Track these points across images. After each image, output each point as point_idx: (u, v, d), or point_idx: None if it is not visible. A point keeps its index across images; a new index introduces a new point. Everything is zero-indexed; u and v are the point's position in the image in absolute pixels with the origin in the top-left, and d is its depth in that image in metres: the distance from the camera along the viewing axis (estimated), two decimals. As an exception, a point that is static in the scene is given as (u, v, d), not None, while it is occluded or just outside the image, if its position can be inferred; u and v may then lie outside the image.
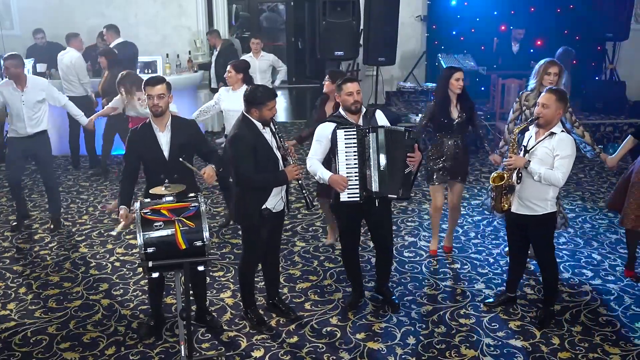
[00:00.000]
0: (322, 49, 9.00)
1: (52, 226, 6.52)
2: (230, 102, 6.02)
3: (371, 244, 5.56)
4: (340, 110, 4.60)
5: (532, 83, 5.48)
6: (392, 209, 5.84)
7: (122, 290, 5.25)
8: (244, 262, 4.60)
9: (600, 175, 8.38)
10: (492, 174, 4.56)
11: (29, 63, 9.05)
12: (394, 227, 5.91)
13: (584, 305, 4.95)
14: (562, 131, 4.41)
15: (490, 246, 6.05)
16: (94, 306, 5.00)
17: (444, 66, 9.49)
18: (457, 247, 6.02)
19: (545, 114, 4.35)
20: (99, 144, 8.37)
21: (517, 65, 9.79)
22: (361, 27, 9.48)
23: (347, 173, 4.43)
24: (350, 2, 8.94)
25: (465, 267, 5.62)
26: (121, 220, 4.11)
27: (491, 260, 5.76)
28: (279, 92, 5.65)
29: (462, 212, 6.91)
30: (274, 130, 4.34)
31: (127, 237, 6.31)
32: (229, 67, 6.12)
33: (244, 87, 5.79)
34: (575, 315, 4.79)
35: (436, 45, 10.81)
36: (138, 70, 8.96)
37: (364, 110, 4.61)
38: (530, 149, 4.43)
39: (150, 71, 8.80)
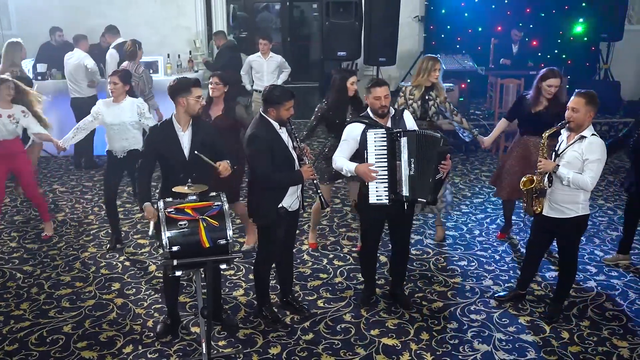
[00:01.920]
0: (325, 49, 9.07)
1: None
2: (114, 115, 5.71)
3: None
4: (368, 111, 4.62)
5: (414, 79, 5.82)
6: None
7: (134, 290, 5.28)
8: (260, 260, 4.66)
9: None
10: (522, 177, 4.60)
11: (29, 63, 9.07)
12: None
13: (590, 300, 5.06)
14: (593, 134, 4.40)
15: (495, 244, 6.15)
16: (107, 305, 5.03)
17: (443, 67, 9.60)
18: (462, 245, 6.12)
19: (575, 118, 4.34)
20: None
21: (514, 65, 9.91)
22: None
23: (378, 175, 4.45)
24: (353, 3, 9.02)
25: (472, 264, 5.71)
26: (149, 217, 4.14)
27: (497, 257, 5.86)
28: None
29: (465, 211, 7.04)
30: (290, 130, 4.40)
31: (136, 236, 6.35)
32: (114, 78, 5.67)
33: (128, 100, 5.72)
34: (583, 310, 4.90)
35: (433, 46, 10.89)
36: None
37: (392, 112, 4.65)
38: (561, 153, 4.45)
39: (151, 71, 8.81)
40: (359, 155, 4.54)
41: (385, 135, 4.43)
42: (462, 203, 7.27)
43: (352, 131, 4.57)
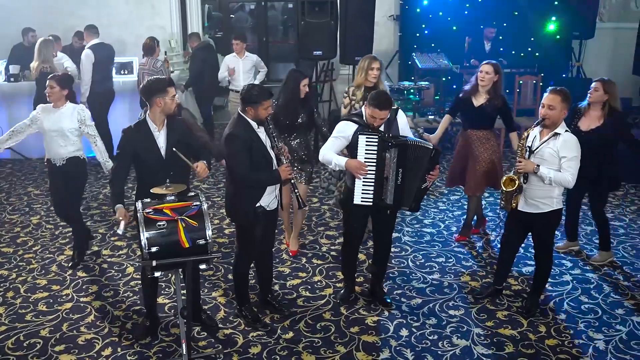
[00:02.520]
0: (301, 48, 9.07)
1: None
2: (52, 121, 5.45)
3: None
4: (363, 110, 4.62)
5: (357, 78, 5.82)
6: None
7: (112, 292, 5.24)
8: (238, 260, 4.65)
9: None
10: (503, 178, 4.64)
11: (1, 65, 8.95)
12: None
13: (566, 294, 5.14)
14: (566, 131, 4.48)
15: (472, 240, 6.21)
16: (85, 308, 4.99)
17: (419, 65, 9.69)
18: (440, 242, 6.18)
19: (551, 115, 4.41)
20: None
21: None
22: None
23: (363, 180, 4.48)
24: (329, 2, 9.02)
25: (450, 260, 5.76)
26: (120, 219, 4.11)
27: (474, 253, 5.92)
28: None
29: (442, 208, 7.09)
30: (269, 130, 4.40)
31: (113, 238, 6.30)
32: (51, 82, 5.43)
33: (68, 105, 5.46)
34: (559, 304, 4.98)
35: (409, 45, 10.96)
36: (114, 72, 8.91)
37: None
38: (535, 150, 4.51)
39: (126, 72, 8.74)
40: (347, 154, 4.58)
41: (376, 141, 4.44)
42: (439, 200, 7.33)
43: (345, 130, 4.57)
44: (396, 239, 6.21)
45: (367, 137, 4.46)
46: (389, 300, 4.99)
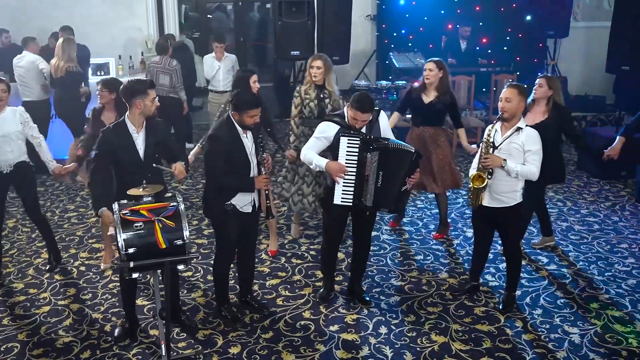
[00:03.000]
0: (279, 49, 9.08)
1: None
2: None
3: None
4: (345, 110, 4.63)
5: (306, 77, 5.86)
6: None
7: (90, 295, 5.21)
8: (217, 260, 4.66)
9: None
10: (471, 175, 4.69)
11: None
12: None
13: (542, 289, 5.21)
14: (527, 126, 4.62)
15: (450, 237, 6.27)
16: (63, 311, 4.95)
17: (396, 65, 9.75)
18: (418, 240, 6.23)
19: (509, 108, 4.53)
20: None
21: (465, 62, 10.11)
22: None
23: (344, 181, 4.51)
24: (305, 2, 9.04)
25: (429, 258, 5.81)
26: (108, 223, 4.09)
27: (452, 250, 5.98)
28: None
29: (420, 206, 7.15)
30: (257, 139, 4.42)
31: (90, 241, 6.25)
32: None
33: (8, 109, 5.29)
34: (535, 299, 5.04)
35: (386, 44, 11.02)
36: (90, 73, 8.85)
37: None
38: (499, 145, 4.59)
39: (102, 73, 8.68)
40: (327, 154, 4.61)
41: (358, 144, 4.47)
42: (417, 198, 7.38)
43: (327, 130, 4.60)
44: (375, 238, 6.24)
45: (348, 139, 4.49)
46: (368, 299, 5.02)
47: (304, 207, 5.96)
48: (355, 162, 4.49)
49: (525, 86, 4.76)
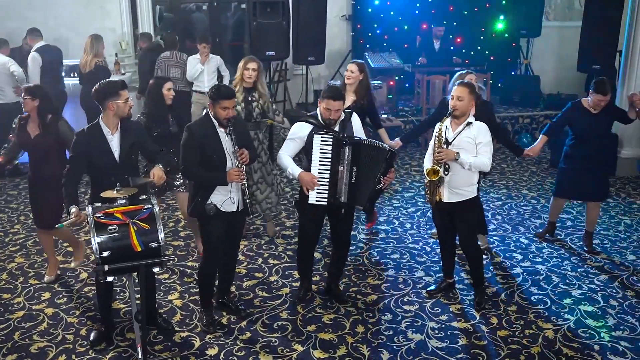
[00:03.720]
0: (254, 49, 9.06)
1: None
2: None
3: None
4: (318, 111, 4.66)
5: (235, 78, 5.94)
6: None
7: (65, 299, 5.16)
8: (203, 263, 4.64)
9: (521, 164, 8.88)
10: (426, 169, 4.74)
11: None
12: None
13: (516, 286, 5.28)
14: (476, 120, 4.74)
15: (425, 236, 6.33)
16: (37, 316, 4.89)
17: (371, 64, 9.78)
18: (394, 238, 6.27)
19: (460, 106, 4.63)
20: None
21: (439, 61, 10.19)
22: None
23: (318, 178, 4.53)
24: (280, 3, 9.04)
25: (405, 256, 5.86)
26: (78, 220, 4.02)
27: (428, 249, 6.03)
28: None
29: (396, 205, 7.19)
30: (229, 133, 4.38)
31: (65, 244, 6.18)
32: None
33: None
34: (510, 296, 5.11)
35: (361, 44, 11.06)
36: (64, 74, 8.75)
37: (342, 116, 4.69)
38: (452, 140, 4.68)
39: (76, 74, 8.58)
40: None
41: (331, 141, 4.50)
42: (394, 197, 7.43)
43: (300, 131, 4.63)
44: (352, 237, 6.25)
45: (322, 137, 4.52)
46: (344, 298, 5.04)
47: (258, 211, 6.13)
48: (329, 159, 4.52)
49: (500, 85, 4.85)
